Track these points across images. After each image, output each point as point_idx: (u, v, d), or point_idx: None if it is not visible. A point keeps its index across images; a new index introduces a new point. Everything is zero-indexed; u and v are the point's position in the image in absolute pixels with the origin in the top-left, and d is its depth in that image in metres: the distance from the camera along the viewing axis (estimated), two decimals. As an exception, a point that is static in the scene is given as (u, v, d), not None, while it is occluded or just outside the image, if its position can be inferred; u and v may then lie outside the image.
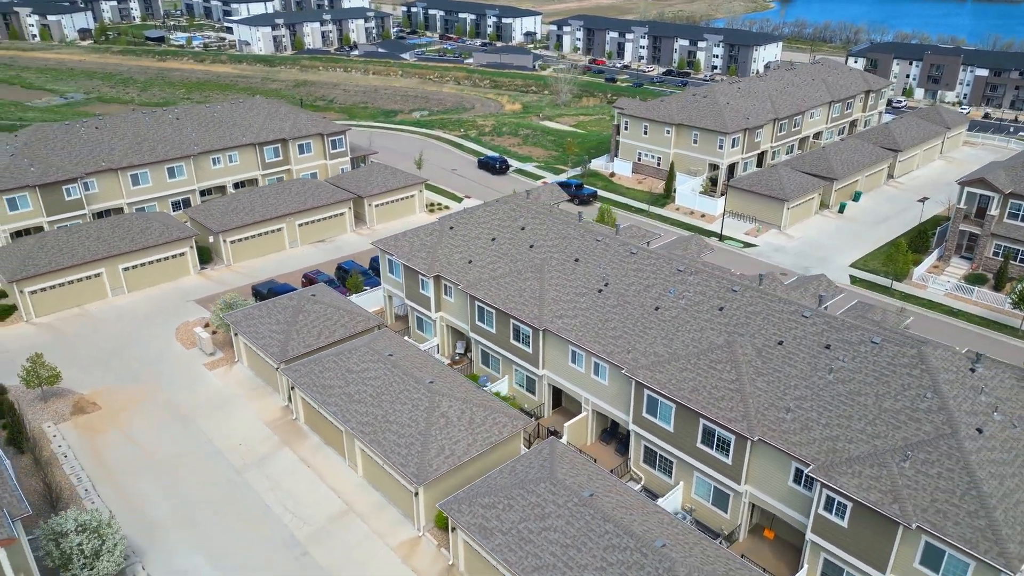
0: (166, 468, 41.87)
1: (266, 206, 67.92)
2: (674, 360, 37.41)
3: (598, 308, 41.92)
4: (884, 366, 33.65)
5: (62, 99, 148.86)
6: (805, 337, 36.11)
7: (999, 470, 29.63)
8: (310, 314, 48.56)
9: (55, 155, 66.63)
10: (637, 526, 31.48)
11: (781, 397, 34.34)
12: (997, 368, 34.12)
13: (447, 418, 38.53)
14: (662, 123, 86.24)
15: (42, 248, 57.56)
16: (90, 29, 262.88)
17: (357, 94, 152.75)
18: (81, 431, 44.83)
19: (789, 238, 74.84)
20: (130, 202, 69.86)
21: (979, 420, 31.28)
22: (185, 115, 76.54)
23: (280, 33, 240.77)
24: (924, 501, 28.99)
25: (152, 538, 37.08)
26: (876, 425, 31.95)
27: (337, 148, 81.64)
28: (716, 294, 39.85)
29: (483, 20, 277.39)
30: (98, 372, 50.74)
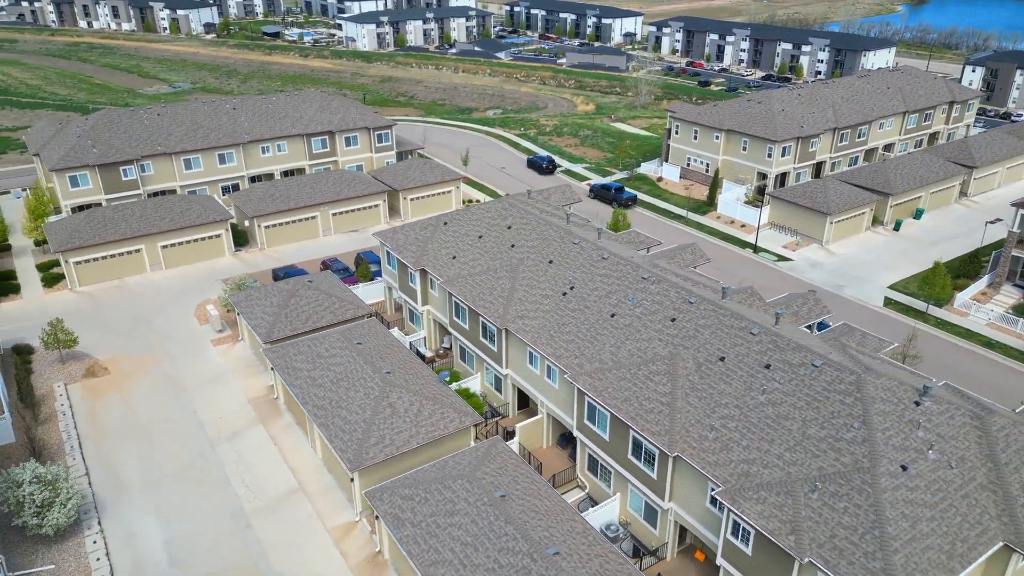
0: (148, 433, 44.91)
1: (302, 195, 71.03)
2: (617, 368, 36.76)
3: (559, 311, 41.68)
4: (819, 391, 31.88)
5: (170, 88, 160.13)
6: (748, 355, 34.65)
7: (915, 511, 27.55)
8: (302, 299, 50.65)
9: (117, 138, 72.25)
10: (539, 532, 31.30)
11: (709, 415, 33.15)
12: (950, 404, 31.59)
13: (394, 408, 39.42)
14: (712, 128, 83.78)
15: (89, 223, 62.68)
16: (214, 24, 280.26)
17: (438, 91, 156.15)
18: (86, 392, 48.74)
19: (829, 254, 71.13)
20: (183, 185, 74.81)
21: (908, 456, 29.15)
22: (241, 105, 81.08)
23: (384, 30, 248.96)
24: (823, 535, 27.37)
25: (117, 497, 39.95)
26: (795, 452, 30.35)
27: (383, 142, 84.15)
28: (673, 304, 38.78)
29: (583, 20, 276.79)
30: (118, 340, 54.85)
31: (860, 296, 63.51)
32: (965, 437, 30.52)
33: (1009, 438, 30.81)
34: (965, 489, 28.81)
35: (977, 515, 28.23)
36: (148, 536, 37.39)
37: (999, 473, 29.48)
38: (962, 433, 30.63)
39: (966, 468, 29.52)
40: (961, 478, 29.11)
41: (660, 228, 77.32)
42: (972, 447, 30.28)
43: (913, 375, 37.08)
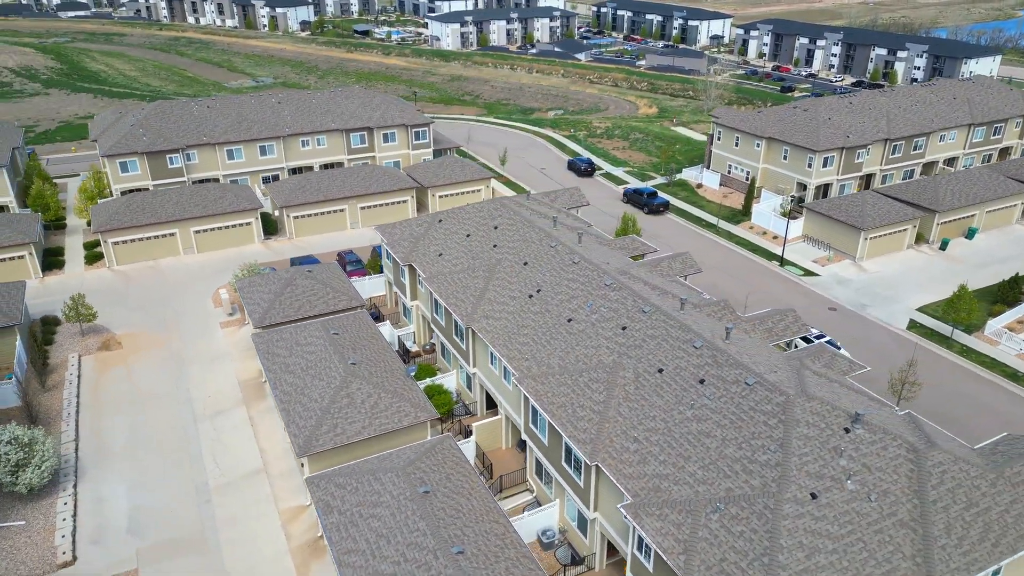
0: (141, 406, 47.74)
1: (332, 188, 73.45)
2: (562, 373, 36.54)
3: (522, 313, 41.72)
4: (745, 410, 30.77)
5: (253, 82, 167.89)
6: (686, 368, 33.78)
7: (815, 542, 26.27)
8: (298, 288, 52.54)
9: (167, 128, 76.75)
10: (451, 530, 31.63)
11: (636, 426, 32.54)
12: (886, 434, 29.85)
13: (351, 399, 40.50)
14: (752, 135, 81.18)
15: (129, 207, 66.96)
16: (310, 22, 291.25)
17: (504, 91, 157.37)
18: (97, 364, 52.26)
19: (861, 271, 67.77)
20: (225, 174, 78.73)
21: (823, 485, 27.80)
22: (286, 99, 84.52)
23: (467, 30, 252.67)
24: (714, 558, 26.51)
25: (98, 463, 42.73)
26: (709, 470, 29.44)
27: (420, 139, 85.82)
28: (627, 313, 38.18)
29: (669, 22, 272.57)
30: (138, 317, 58.43)
31: (883, 317, 60.31)
32: (895, 470, 28.81)
33: (945, 475, 28.88)
34: (881, 524, 27.23)
35: (888, 553, 26.62)
36: (115, 502, 39.85)
37: (924, 511, 27.71)
38: (892, 465, 28.93)
39: (888, 502, 27.88)
40: (879, 512, 27.52)
41: (687, 236, 75.68)
42: (901, 481, 28.56)
43: (876, 403, 35.21)
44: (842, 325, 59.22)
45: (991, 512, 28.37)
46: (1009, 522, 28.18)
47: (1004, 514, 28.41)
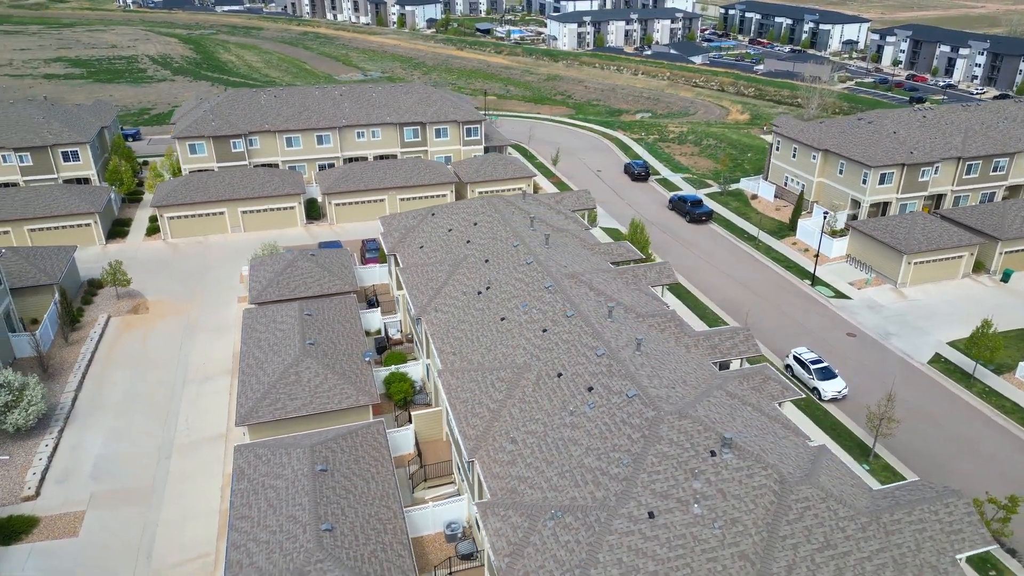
0: (143, 366, 52.32)
1: (374, 178, 76.61)
2: (478, 370, 37.01)
3: (467, 308, 42.38)
4: (616, 421, 30.12)
5: (362, 75, 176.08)
6: (582, 375, 33.35)
7: (637, 562, 25.50)
8: (297, 270, 55.51)
9: (234, 114, 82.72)
10: (330, 508, 32.92)
11: (519, 427, 32.55)
12: (756, 463, 28.34)
13: (298, 376, 42.68)
14: (809, 147, 76.93)
15: (185, 185, 72.97)
16: (436, 19, 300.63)
17: (596, 92, 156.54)
18: (121, 325, 57.66)
19: (900, 297, 62.95)
20: (284, 160, 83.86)
21: (666, 505, 26.89)
22: (348, 93, 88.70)
23: (585, 30, 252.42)
24: (534, 564, 26.33)
25: (89, 414, 47.35)
26: (564, 478, 29.11)
27: (471, 136, 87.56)
28: (552, 316, 38.00)
29: (799, 25, 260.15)
30: (172, 286, 63.74)
31: (906, 348, 55.93)
32: (754, 500, 27.35)
33: (807, 512, 27.09)
34: (717, 553, 26.00)
35: (716, 583, 25.45)
36: (88, 449, 44.13)
37: (769, 545, 26.18)
38: (753, 495, 27.47)
39: (734, 532, 26.55)
40: (719, 540, 26.28)
41: (723, 248, 73.05)
42: (756, 512, 27.09)
43: (789, 431, 33.29)
44: (855, 353, 55.52)
45: (850, 557, 26.34)
46: (868, 570, 26.06)
47: (865, 561, 26.29)
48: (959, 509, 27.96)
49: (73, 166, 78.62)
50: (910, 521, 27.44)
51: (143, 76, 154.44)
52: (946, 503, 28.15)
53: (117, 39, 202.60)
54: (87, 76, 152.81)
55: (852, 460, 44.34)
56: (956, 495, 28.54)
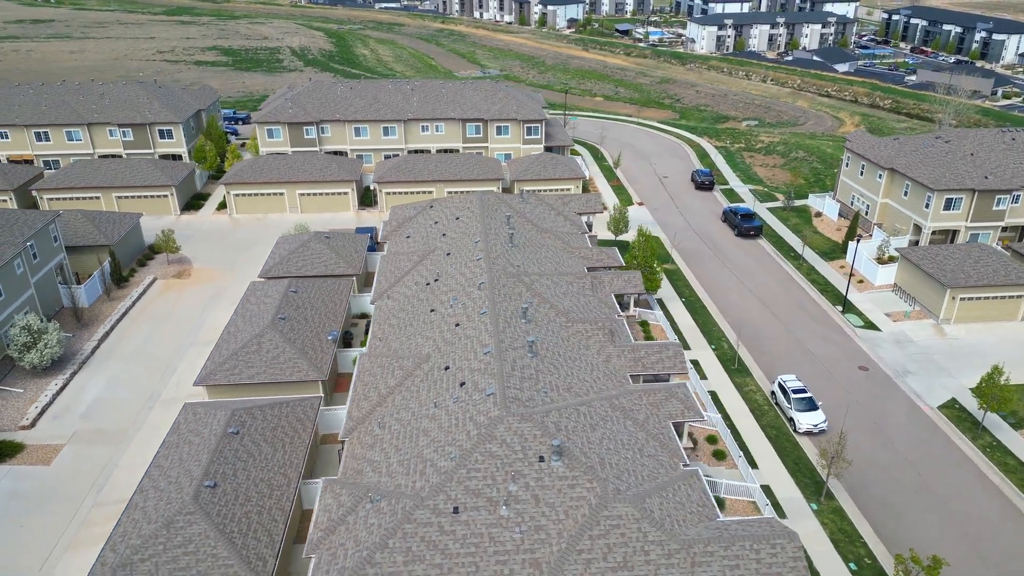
0: (165, 324, 57.79)
1: (425, 170, 79.47)
2: (392, 357, 38.41)
3: (412, 298, 43.77)
4: (464, 419, 30.54)
5: (481, 72, 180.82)
6: (464, 370, 33.90)
7: (424, 553, 26.04)
8: (308, 250, 59.12)
9: (311, 103, 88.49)
10: (222, 468, 35.41)
11: (394, 414, 33.63)
12: (584, 474, 27.81)
13: (259, 347, 45.88)
14: (876, 165, 71.29)
15: (253, 167, 79.23)
16: (577, 19, 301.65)
17: (706, 97, 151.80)
18: (162, 287, 63.91)
19: (937, 335, 57.39)
20: (352, 148, 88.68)
21: (474, 503, 27.12)
22: (421, 88, 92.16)
23: (725, 33, 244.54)
24: (338, 541, 27.43)
25: (103, 361, 53.15)
26: (403, 465, 29.89)
27: (531, 135, 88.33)
28: (468, 313, 38.61)
29: (969, 34, 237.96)
30: (219, 256, 69.56)
31: (919, 389, 51.17)
32: (567, 511, 26.96)
33: (614, 530, 26.33)
34: (510, 557, 25.96)
35: (495, 586, 25.41)
36: (89, 392, 49.74)
37: (563, 557, 25.74)
38: (567, 506, 27.09)
39: (535, 539, 26.36)
40: (516, 545, 26.19)
41: (762, 265, 69.54)
42: (565, 523, 26.69)
43: (662, 452, 32.15)
44: (859, 387, 51.50)
45: (659, 571, 25.37)
46: (658, 599, 25.03)
47: (658, 589, 25.24)
48: (786, 552, 26.03)
49: (167, 143, 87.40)
50: (724, 555, 25.93)
51: (278, 66, 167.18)
52: (773, 544, 26.29)
53: (270, 32, 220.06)
54: (230, 64, 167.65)
55: (801, 498, 41.56)
56: (788, 537, 26.55)
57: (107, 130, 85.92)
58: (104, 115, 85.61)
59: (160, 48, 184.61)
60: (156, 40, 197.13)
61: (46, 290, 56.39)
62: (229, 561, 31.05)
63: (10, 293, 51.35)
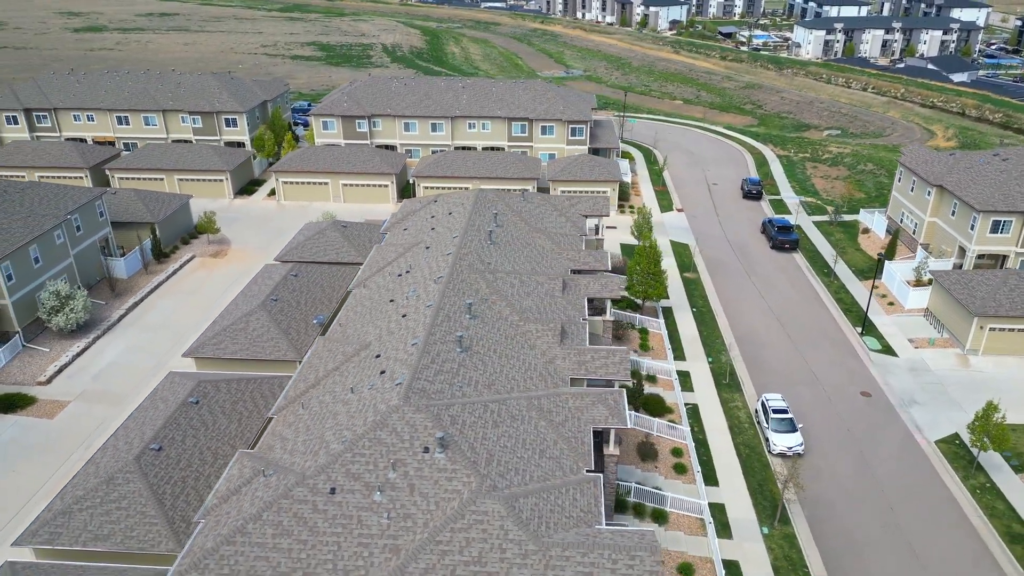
0: (191, 298, 61.59)
1: (464, 167, 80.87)
2: (342, 342, 39.82)
3: (383, 288, 45.04)
4: (371, 404, 31.39)
5: (564, 73, 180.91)
6: (390, 359, 34.76)
7: (289, 527, 27.10)
8: (324, 237, 61.57)
9: (365, 98, 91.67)
10: (173, 434, 37.65)
11: (320, 396, 34.91)
12: (463, 469, 28.14)
13: (246, 325, 48.40)
14: (925, 181, 66.82)
15: (301, 157, 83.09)
16: (679, 20, 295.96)
17: (790, 104, 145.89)
18: (198, 264, 68.17)
19: (960, 365, 53.50)
20: (401, 143, 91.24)
21: (351, 487, 28.00)
22: (471, 86, 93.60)
23: (834, 38, 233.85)
24: (228, 510, 28.93)
25: (127, 328, 57.37)
26: (306, 444, 31.10)
27: (575, 136, 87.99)
28: (417, 306, 39.43)
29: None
30: (257, 238, 73.36)
31: (922, 420, 48.01)
32: (437, 502, 27.40)
33: (475, 525, 26.51)
34: (372, 540, 26.61)
35: (347, 563, 26.15)
36: (105, 356, 53.95)
37: (419, 548, 26.19)
38: (440, 496, 27.56)
39: (400, 526, 26.95)
40: (381, 530, 26.86)
41: (790, 279, 66.85)
42: (435, 514, 27.13)
43: (565, 456, 31.91)
44: (858, 414, 48.88)
45: (510, 572, 25.44)
46: (500, 597, 25.05)
47: (504, 588, 25.25)
48: (643, 565, 25.41)
49: (232, 131, 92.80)
50: (580, 562, 25.62)
51: (367, 62, 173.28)
52: (633, 555, 25.72)
53: (369, 29, 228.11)
54: (323, 59, 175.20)
55: (755, 520, 40.05)
56: (650, 551, 25.88)
57: (179, 117, 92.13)
58: (177, 103, 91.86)
59: (264, 42, 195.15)
60: (263, 35, 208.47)
61: (87, 260, 61.40)
62: (155, 520, 33.30)
63: (48, 260, 56.31)
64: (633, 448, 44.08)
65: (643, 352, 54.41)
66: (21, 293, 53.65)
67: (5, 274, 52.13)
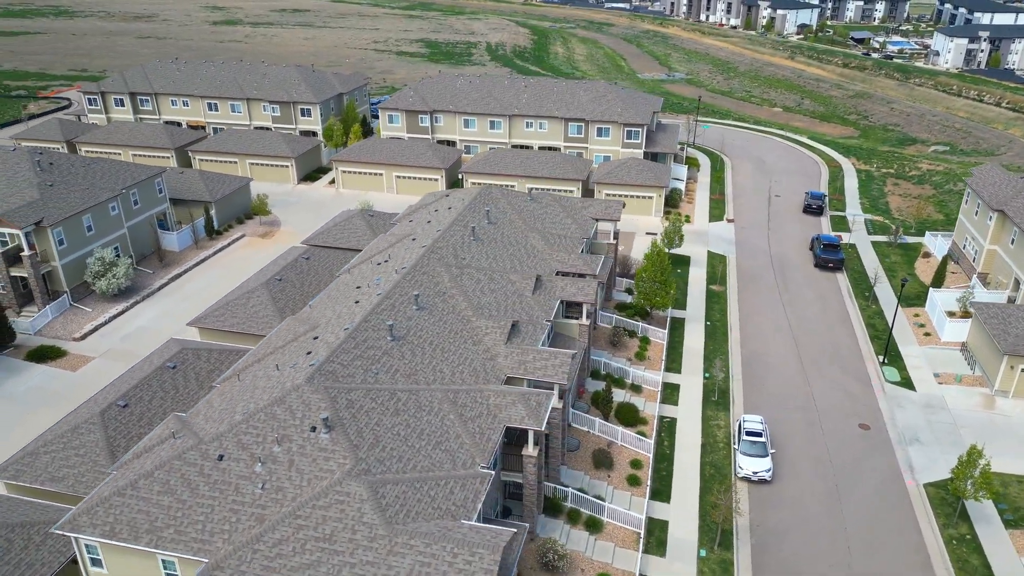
0: (229, 274, 65.58)
1: (512, 165, 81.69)
2: (298, 321, 41.73)
3: (359, 274, 46.60)
4: (281, 382, 32.96)
5: (666, 76, 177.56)
6: (325, 341, 36.21)
7: (175, 484, 29.07)
8: (350, 224, 63.88)
9: (428, 94, 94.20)
10: (144, 395, 40.88)
11: (256, 371, 36.84)
12: (340, 449, 29.15)
13: (246, 302, 51.32)
14: (987, 206, 61.15)
15: (360, 148, 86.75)
16: (808, 24, 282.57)
17: (898, 116, 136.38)
18: (247, 242, 72.73)
19: (984, 407, 48.98)
20: (460, 139, 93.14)
21: (239, 455, 29.66)
22: (534, 85, 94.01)
23: (977, 47, 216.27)
24: (140, 464, 31.33)
25: (163, 296, 62.34)
26: (222, 412, 33.05)
27: (631, 139, 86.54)
28: (368, 294, 40.79)
29: None
30: (308, 222, 76.67)
31: (917, 461, 44.56)
32: (309, 479, 28.53)
33: (333, 506, 27.39)
34: (241, 507, 28.10)
35: (199, 526, 27.77)
36: (138, 320, 58.88)
37: (281, 520, 27.43)
38: (313, 473, 28.69)
39: (270, 497, 28.30)
40: (253, 498, 28.31)
41: (823, 301, 63.36)
42: (304, 489, 28.30)
43: (462, 452, 32.22)
44: (848, 446, 46.02)
45: (340, 555, 26.18)
46: (326, 569, 25.79)
47: (344, 564, 25.93)
48: (481, 563, 25.39)
49: (307, 120, 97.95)
50: (422, 551, 25.97)
51: (465, 60, 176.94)
52: (473, 552, 25.75)
53: (480, 27, 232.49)
54: (426, 56, 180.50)
55: (695, 541, 38.65)
56: (490, 549, 25.80)
57: (261, 105, 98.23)
58: (260, 92, 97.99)
59: (376, 39, 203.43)
60: (378, 31, 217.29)
61: (141, 232, 67.05)
62: (104, 469, 36.35)
63: (100, 229, 62.00)
64: (589, 455, 43.49)
65: (638, 361, 53.31)
66: (71, 257, 59.46)
67: (57, 239, 57.95)
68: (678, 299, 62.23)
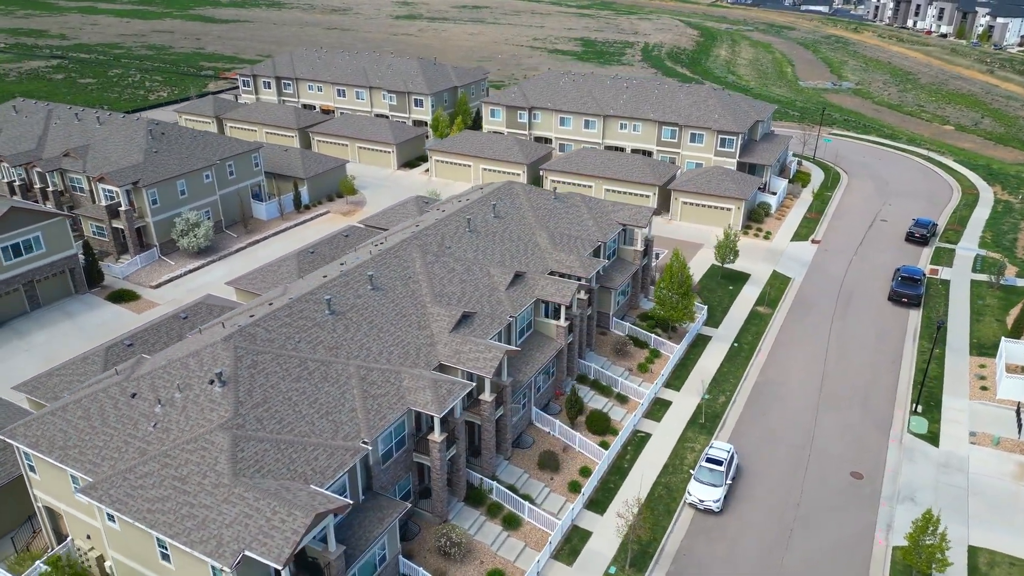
0: (300, 243, 71.36)
1: (590, 166, 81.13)
2: (279, 288, 45.22)
3: (357, 265, 49.11)
4: (205, 341, 36.28)
5: (831, 84, 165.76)
6: (265, 308, 39.23)
7: (88, 411, 33.19)
8: (405, 208, 66.51)
9: (532, 91, 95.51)
10: (146, 336, 46.24)
11: (216, 333, 40.59)
12: (226, 401, 31.89)
13: (277, 269, 55.91)
14: (1093, 248, 52.31)
15: (454, 141, 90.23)
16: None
17: None
18: (328, 218, 78.37)
19: (1014, 479, 42.63)
20: (556, 136, 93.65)
21: (146, 396, 33.30)
22: (635, 86, 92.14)
23: None
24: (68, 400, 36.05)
25: (239, 257, 68.97)
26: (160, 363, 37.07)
27: (725, 147, 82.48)
28: (339, 270, 43.15)
29: None
30: (390, 202, 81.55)
31: (899, 524, 40.01)
32: (195, 425, 31.36)
33: (198, 450, 30.06)
34: (131, 442, 31.59)
35: (115, 453, 31.44)
36: (207, 276, 65.65)
37: (154, 457, 30.57)
38: (196, 421, 31.49)
39: (157, 435, 31.45)
40: (144, 434, 31.63)
41: (882, 338, 57.86)
42: (185, 432, 31.23)
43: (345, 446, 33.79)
44: (827, 492, 42.36)
45: (189, 497, 28.72)
46: (184, 521, 28.33)
47: (187, 504, 28.44)
48: (292, 521, 26.83)
49: (419, 110, 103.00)
50: (249, 503, 27.82)
51: (614, 59, 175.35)
52: (291, 512, 27.23)
53: (645, 27, 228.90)
54: (577, 54, 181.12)
55: (610, 558, 37.52)
56: (305, 512, 27.13)
57: (381, 94, 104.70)
58: (381, 82, 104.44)
59: (537, 36, 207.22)
60: (543, 29, 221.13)
61: (232, 200, 74.60)
62: (94, 396, 41.94)
63: (192, 194, 69.83)
64: (536, 455, 43.26)
65: (639, 373, 51.85)
66: (163, 216, 67.68)
67: (151, 199, 66.27)
68: (714, 316, 59.32)
